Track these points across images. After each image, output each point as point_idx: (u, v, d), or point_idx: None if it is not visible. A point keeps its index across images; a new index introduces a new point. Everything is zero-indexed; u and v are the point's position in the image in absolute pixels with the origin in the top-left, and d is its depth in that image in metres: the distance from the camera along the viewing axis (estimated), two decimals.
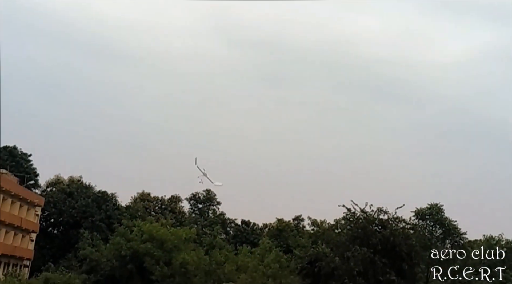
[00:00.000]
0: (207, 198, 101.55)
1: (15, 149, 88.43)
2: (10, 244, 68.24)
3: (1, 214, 64.24)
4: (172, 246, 60.53)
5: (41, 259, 76.25)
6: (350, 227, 58.47)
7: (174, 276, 58.08)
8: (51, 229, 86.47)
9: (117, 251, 60.18)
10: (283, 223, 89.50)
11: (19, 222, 69.45)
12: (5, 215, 65.40)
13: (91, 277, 59.01)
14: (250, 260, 68.89)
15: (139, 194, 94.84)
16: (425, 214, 62.27)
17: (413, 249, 54.70)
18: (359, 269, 52.70)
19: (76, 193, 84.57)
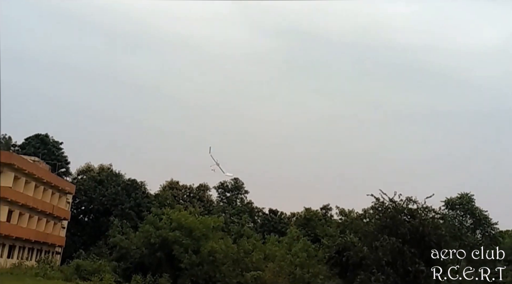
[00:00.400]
0: (235, 186, 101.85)
1: (47, 137, 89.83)
2: (43, 231, 69.50)
3: (34, 201, 65.36)
4: (200, 234, 60.85)
5: (72, 246, 77.50)
6: (378, 216, 58.05)
7: (202, 264, 58.50)
8: (82, 217, 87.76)
9: (146, 239, 60.74)
10: (310, 212, 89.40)
11: (51, 209, 70.61)
12: (38, 202, 66.55)
13: (121, 265, 59.64)
14: (278, 249, 69.04)
15: (167, 182, 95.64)
16: (455, 203, 61.55)
17: (443, 239, 54.07)
18: (387, 259, 52.38)
19: (106, 181, 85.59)
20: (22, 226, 63.73)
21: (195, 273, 57.84)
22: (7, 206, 59.59)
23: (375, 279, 50.61)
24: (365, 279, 51.07)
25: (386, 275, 51.13)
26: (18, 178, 61.71)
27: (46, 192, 69.60)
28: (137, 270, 57.12)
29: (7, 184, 59.57)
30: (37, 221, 67.92)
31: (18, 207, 61.98)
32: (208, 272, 58.69)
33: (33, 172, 64.68)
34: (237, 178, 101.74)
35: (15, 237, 61.58)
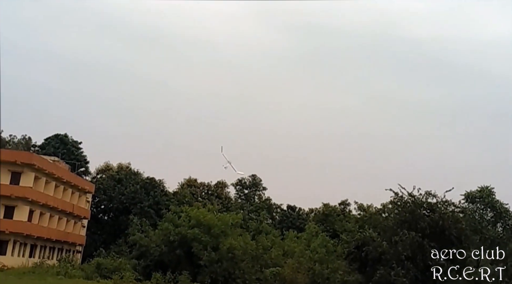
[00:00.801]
0: (253, 183, 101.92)
1: (66, 136, 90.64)
2: (63, 230, 70.20)
3: (54, 201, 66.03)
4: (219, 231, 61.00)
5: (93, 244, 78.16)
6: (397, 211, 57.76)
7: (221, 261, 58.65)
8: (102, 215, 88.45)
9: (165, 236, 61.04)
10: (329, 208, 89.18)
11: (71, 208, 71.27)
12: (58, 202, 67.22)
13: (141, 262, 60.00)
14: (297, 245, 69.08)
15: (186, 180, 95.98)
16: (475, 197, 60.94)
17: (463, 233, 53.65)
18: (407, 254, 52.11)
19: (125, 180, 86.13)
20: (43, 226, 64.44)
21: (215, 270, 58.01)
22: (28, 206, 60.28)
23: (395, 274, 50.40)
24: (385, 274, 50.88)
25: (406, 269, 50.86)
26: (38, 178, 62.38)
27: (66, 191, 70.29)
28: (156, 267, 57.42)
29: (27, 184, 60.26)
30: (57, 221, 68.63)
31: (39, 206, 62.68)
32: (227, 268, 58.85)
33: (53, 172, 65.32)
34: (254, 174, 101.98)
35: (36, 237, 62.28)
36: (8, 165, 59.25)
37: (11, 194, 58.42)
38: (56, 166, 68.63)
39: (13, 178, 59.95)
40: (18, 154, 65.77)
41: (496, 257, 40.32)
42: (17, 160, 59.76)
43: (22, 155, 63.48)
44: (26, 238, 60.70)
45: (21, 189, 59.34)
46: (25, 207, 59.94)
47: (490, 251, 30.23)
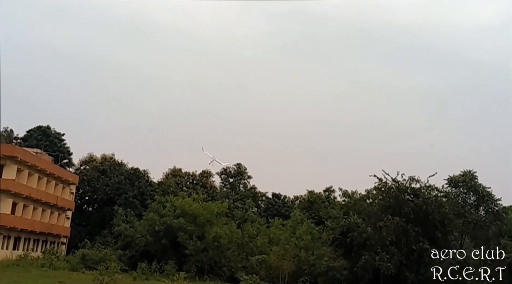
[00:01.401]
0: (237, 172, 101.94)
1: (49, 128, 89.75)
2: (47, 222, 69.72)
3: (37, 193, 65.53)
4: (204, 220, 61.13)
5: (78, 236, 77.78)
6: (381, 196, 58.32)
7: (207, 250, 58.84)
8: (86, 207, 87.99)
9: (151, 226, 61.06)
10: (314, 195, 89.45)
11: (55, 200, 70.78)
12: (41, 194, 66.70)
13: (126, 253, 60.01)
14: (282, 232, 69.40)
15: (170, 170, 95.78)
16: (458, 181, 61.55)
17: (446, 217, 54.32)
18: (391, 239, 52.71)
19: (109, 171, 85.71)
20: (27, 218, 63.96)
21: (201, 259, 58.20)
22: (11, 199, 59.74)
23: (380, 259, 50.93)
24: (369, 259, 51.40)
25: (390, 254, 51.45)
26: (21, 170, 61.82)
27: (49, 183, 69.77)
28: (142, 258, 57.42)
29: (10, 177, 59.69)
30: (41, 213, 68.14)
31: (22, 199, 62.16)
32: (213, 257, 59.08)
33: (36, 164, 64.77)
34: (239, 163, 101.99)
35: (20, 229, 61.83)
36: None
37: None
38: (39, 158, 68.04)
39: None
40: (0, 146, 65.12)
41: (496, 257, 40.67)
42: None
43: (4, 148, 62.67)
44: (10, 231, 60.22)
45: (3, 181, 58.72)
46: (8, 199, 59.37)
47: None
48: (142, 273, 49.62)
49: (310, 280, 56.61)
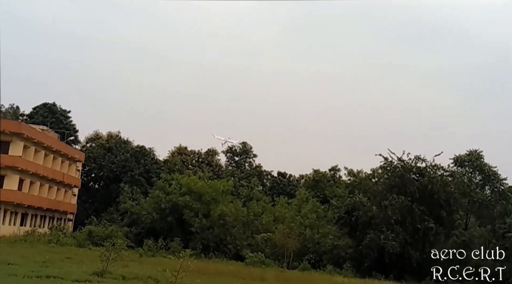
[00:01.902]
0: (243, 150, 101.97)
1: (55, 105, 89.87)
2: (54, 198, 70.08)
3: (44, 170, 65.79)
4: (210, 198, 61.25)
5: (84, 213, 78.25)
6: (387, 176, 58.48)
7: (213, 228, 59.10)
8: (92, 184, 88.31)
9: (156, 204, 61.28)
10: (319, 174, 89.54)
11: (62, 177, 71.04)
12: (48, 171, 66.94)
13: (132, 230, 60.39)
14: (287, 211, 69.71)
15: (176, 148, 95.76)
16: (464, 160, 61.50)
17: (452, 196, 54.43)
18: (396, 218, 52.95)
19: (115, 148, 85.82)
20: (34, 194, 64.30)
21: (206, 237, 58.49)
22: (18, 175, 59.99)
23: (385, 237, 51.22)
24: (374, 238, 51.70)
25: (395, 233, 51.72)
26: (27, 147, 61.97)
27: (55, 160, 69.97)
28: (148, 234, 57.79)
29: (17, 153, 59.87)
30: (48, 189, 68.45)
31: (28, 175, 62.42)
32: (219, 235, 59.37)
33: (42, 141, 64.88)
34: (245, 142, 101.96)
35: (27, 205, 62.21)
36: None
37: (1, 163, 58.02)
38: (45, 135, 68.14)
39: (2, 147, 59.32)
40: (6, 123, 65.05)
41: (496, 256, 40.66)
42: (5, 129, 59.11)
43: (10, 124, 62.80)
44: (17, 207, 60.60)
45: (10, 158, 58.91)
46: (15, 176, 59.62)
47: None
48: (148, 250, 49.98)
49: (315, 258, 57.01)
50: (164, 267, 24.51)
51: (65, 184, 72.93)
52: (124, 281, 23.62)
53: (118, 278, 24.25)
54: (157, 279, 23.88)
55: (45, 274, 22.94)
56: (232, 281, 30.77)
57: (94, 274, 24.18)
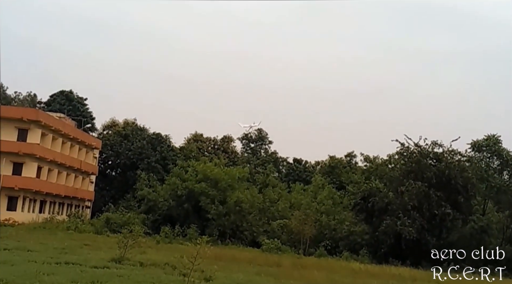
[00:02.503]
0: (259, 137, 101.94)
1: (71, 93, 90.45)
2: (72, 186, 70.77)
3: (62, 157, 66.38)
4: (226, 185, 61.40)
5: (101, 200, 78.91)
6: (403, 161, 58.12)
7: (229, 214, 59.29)
8: (109, 171, 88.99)
9: (173, 191, 61.59)
10: (335, 160, 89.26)
11: (79, 164, 71.66)
12: (65, 158, 67.54)
13: (149, 217, 60.79)
14: (303, 197, 69.70)
15: (192, 135, 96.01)
16: (481, 145, 60.88)
17: (469, 182, 53.99)
18: (413, 203, 52.70)
19: (131, 135, 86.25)
20: (52, 182, 64.96)
21: (222, 223, 58.73)
22: (36, 163, 60.60)
23: (401, 223, 51.06)
24: (391, 224, 51.55)
25: (412, 219, 51.53)
26: (45, 134, 62.52)
27: (73, 147, 70.55)
28: (165, 221, 58.18)
29: (34, 141, 60.44)
30: (66, 177, 69.12)
31: (46, 163, 63.04)
32: (235, 221, 59.57)
33: (59, 128, 65.41)
34: (260, 128, 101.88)
35: (45, 193, 62.89)
36: (15, 121, 59.24)
37: (19, 151, 58.62)
38: (62, 122, 68.67)
39: (20, 135, 60.03)
40: (24, 110, 65.74)
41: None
42: (23, 116, 59.73)
43: (28, 112, 63.39)
44: (35, 194, 61.30)
45: (28, 145, 59.53)
46: (33, 163, 60.26)
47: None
48: (165, 237, 50.28)
49: (331, 245, 57.05)
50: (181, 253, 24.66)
51: (83, 171, 73.57)
52: (142, 268, 23.79)
53: (136, 264, 24.44)
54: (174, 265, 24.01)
55: (64, 260, 23.18)
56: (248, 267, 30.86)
57: (112, 260, 24.38)
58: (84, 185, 75.71)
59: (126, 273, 20.37)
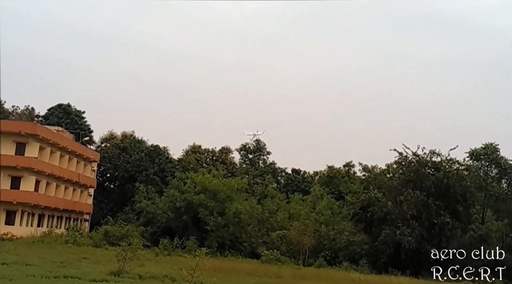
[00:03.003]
0: (257, 148, 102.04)
1: (69, 106, 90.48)
2: (70, 199, 70.59)
3: (60, 170, 66.27)
4: (224, 196, 61.33)
5: (100, 213, 78.72)
6: (402, 171, 58.13)
7: (228, 226, 59.16)
8: (108, 184, 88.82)
9: (172, 203, 61.49)
10: (333, 170, 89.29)
11: (77, 177, 71.53)
12: (64, 171, 67.43)
13: (148, 229, 60.64)
14: (302, 207, 69.66)
15: (190, 146, 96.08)
16: (479, 154, 60.93)
17: (468, 190, 53.92)
18: (412, 213, 52.62)
19: (129, 148, 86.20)
20: (50, 195, 64.78)
21: (221, 235, 58.59)
22: (34, 176, 60.49)
23: (400, 233, 50.94)
24: (390, 233, 51.44)
25: (411, 228, 51.42)
26: (43, 148, 62.45)
27: (71, 161, 70.44)
28: (164, 233, 58.04)
29: (32, 155, 60.36)
30: (64, 190, 68.96)
31: (45, 176, 62.93)
32: (234, 233, 59.43)
33: (57, 142, 65.35)
34: (258, 139, 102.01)
35: (43, 206, 62.71)
36: (13, 135, 59.18)
37: (17, 165, 58.54)
38: (60, 135, 68.61)
39: (18, 149, 59.95)
40: (22, 124, 65.66)
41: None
42: (21, 130, 59.69)
43: (26, 126, 63.35)
44: (34, 208, 61.13)
45: (26, 159, 59.43)
46: (31, 177, 60.14)
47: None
48: (164, 249, 50.20)
49: (330, 255, 56.86)
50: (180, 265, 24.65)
51: (81, 184, 73.41)
52: (141, 281, 23.72)
53: (134, 277, 24.36)
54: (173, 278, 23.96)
55: (63, 274, 23.11)
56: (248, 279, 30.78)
57: (111, 273, 24.31)
58: (82, 198, 75.53)
59: None
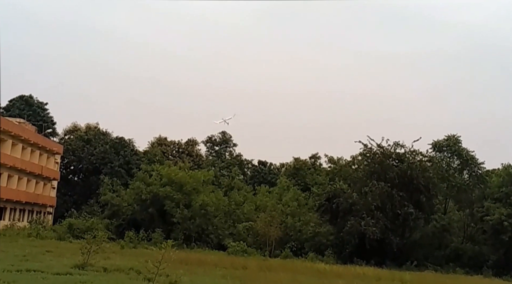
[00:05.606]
0: (223, 140, 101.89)
1: (31, 98, 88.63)
2: (33, 192, 69.38)
3: (22, 163, 65.04)
4: (191, 188, 61.18)
5: (64, 205, 77.63)
6: (367, 162, 58.85)
7: (194, 218, 59.05)
8: (72, 176, 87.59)
9: (137, 195, 61.00)
10: (300, 162, 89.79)
11: (40, 170, 70.32)
12: (26, 164, 66.19)
13: (113, 222, 60.08)
14: (269, 199, 69.93)
15: (156, 138, 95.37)
16: (442, 145, 62.03)
17: (431, 181, 54.99)
18: (376, 204, 53.40)
19: (93, 140, 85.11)
20: (12, 188, 63.53)
21: (188, 227, 58.44)
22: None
23: (365, 223, 51.62)
24: (355, 224, 52.07)
25: (376, 219, 52.16)
26: (4, 140, 61.15)
27: (33, 153, 69.18)
28: (129, 226, 57.50)
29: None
30: (26, 182, 67.73)
31: (6, 169, 61.65)
32: (201, 225, 59.34)
33: (19, 134, 64.08)
34: (224, 131, 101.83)
35: (5, 199, 61.45)
36: None
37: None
38: (22, 127, 67.26)
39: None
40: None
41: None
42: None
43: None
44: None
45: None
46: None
47: (458, 197, 30.97)
48: (129, 242, 49.70)
49: (297, 246, 57.29)
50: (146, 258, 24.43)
51: (44, 177, 72.22)
52: (106, 273, 23.42)
53: (99, 270, 24.03)
54: (139, 270, 23.73)
55: (25, 268, 22.62)
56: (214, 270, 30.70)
57: (75, 266, 23.92)
58: (45, 191, 74.29)
59: (89, 279, 20.01)
